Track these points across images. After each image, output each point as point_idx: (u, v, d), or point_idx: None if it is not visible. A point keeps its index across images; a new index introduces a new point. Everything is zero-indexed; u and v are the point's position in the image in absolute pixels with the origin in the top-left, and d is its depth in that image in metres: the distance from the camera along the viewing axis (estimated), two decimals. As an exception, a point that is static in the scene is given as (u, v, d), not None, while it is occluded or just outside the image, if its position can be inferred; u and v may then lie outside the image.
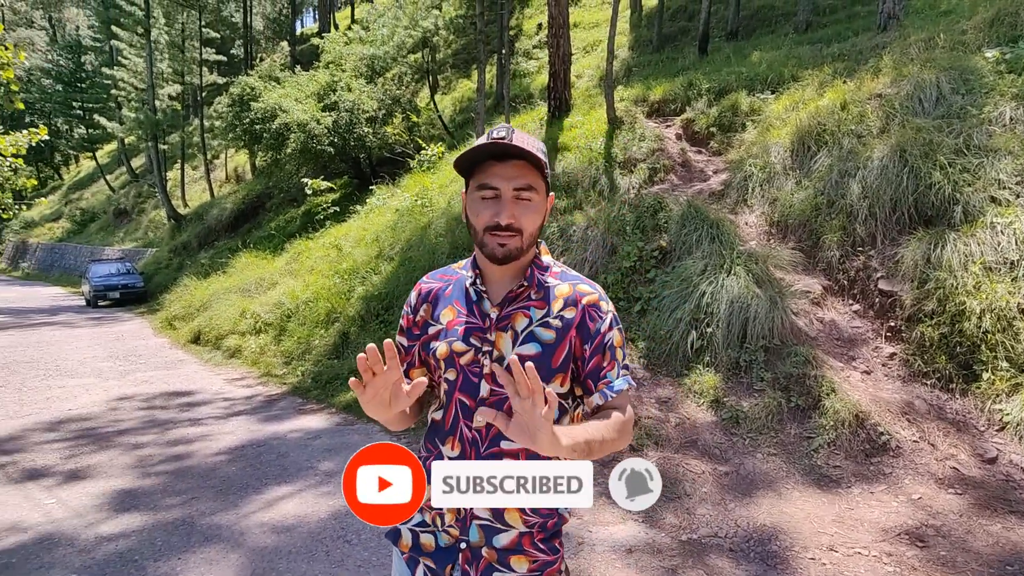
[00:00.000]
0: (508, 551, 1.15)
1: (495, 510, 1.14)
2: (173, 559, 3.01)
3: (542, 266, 1.22)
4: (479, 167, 1.14)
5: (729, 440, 3.90)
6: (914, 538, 2.92)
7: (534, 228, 1.15)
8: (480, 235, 1.14)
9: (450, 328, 1.20)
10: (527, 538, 1.16)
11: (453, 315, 1.22)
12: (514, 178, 1.11)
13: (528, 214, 1.13)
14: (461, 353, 1.17)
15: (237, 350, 8.44)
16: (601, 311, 1.18)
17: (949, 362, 3.95)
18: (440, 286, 1.29)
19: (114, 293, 15.89)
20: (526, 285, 1.18)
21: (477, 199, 1.14)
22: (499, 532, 1.15)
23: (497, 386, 1.13)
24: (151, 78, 19.31)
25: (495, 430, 1.13)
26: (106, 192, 30.90)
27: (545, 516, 1.17)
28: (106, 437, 4.97)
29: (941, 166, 4.64)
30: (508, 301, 1.18)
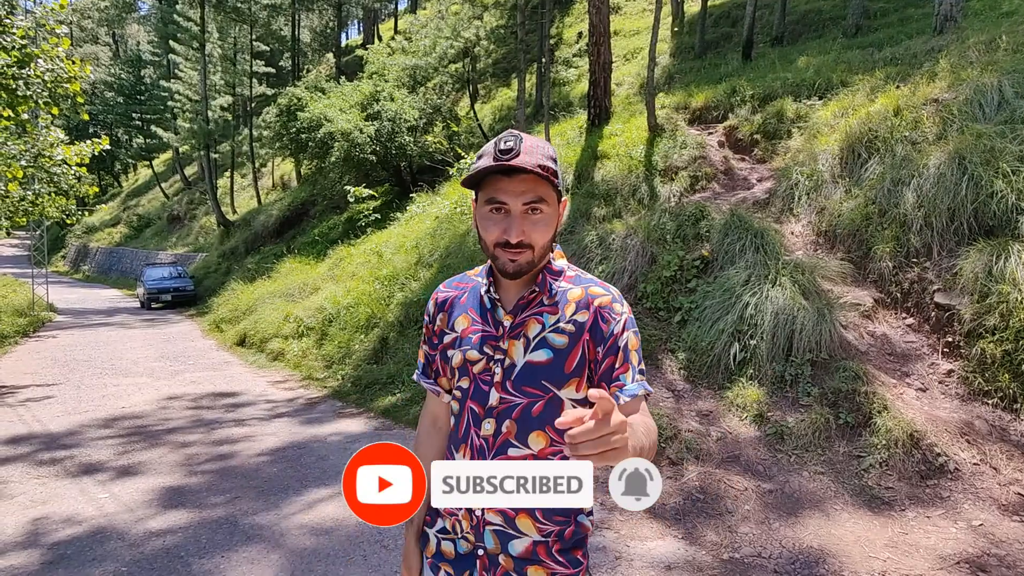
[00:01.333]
0: (524, 560, 1.14)
1: (506, 516, 1.13)
2: (217, 556, 3.09)
3: (555, 271, 1.21)
4: (487, 180, 1.12)
5: (773, 456, 3.78)
6: (975, 567, 2.76)
7: (545, 241, 1.13)
8: (491, 250, 1.13)
9: (464, 337, 1.20)
10: (542, 547, 1.14)
11: (468, 323, 1.21)
12: (523, 193, 1.09)
13: (538, 228, 1.11)
14: (475, 362, 1.17)
15: (280, 353, 8.66)
16: (615, 312, 1.15)
17: (1013, 381, 3.73)
18: (456, 294, 1.28)
19: (166, 296, 16.57)
20: (537, 291, 1.17)
21: (486, 214, 1.12)
22: (513, 538, 1.13)
23: (506, 394, 1.13)
24: (204, 90, 20.14)
25: (503, 437, 1.13)
26: (161, 199, 32.33)
27: (560, 523, 1.14)
28: (156, 435, 5.16)
29: (1004, 174, 4.41)
30: (520, 308, 1.17)
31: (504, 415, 1.13)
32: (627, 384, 1.12)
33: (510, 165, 1.05)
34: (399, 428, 5.23)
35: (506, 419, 1.13)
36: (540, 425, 1.12)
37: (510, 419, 1.13)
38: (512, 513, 1.12)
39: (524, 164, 1.05)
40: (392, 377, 6.36)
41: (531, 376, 1.12)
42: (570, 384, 1.13)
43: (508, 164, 1.05)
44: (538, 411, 1.12)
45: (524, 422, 1.13)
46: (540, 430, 1.12)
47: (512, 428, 1.13)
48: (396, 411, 5.61)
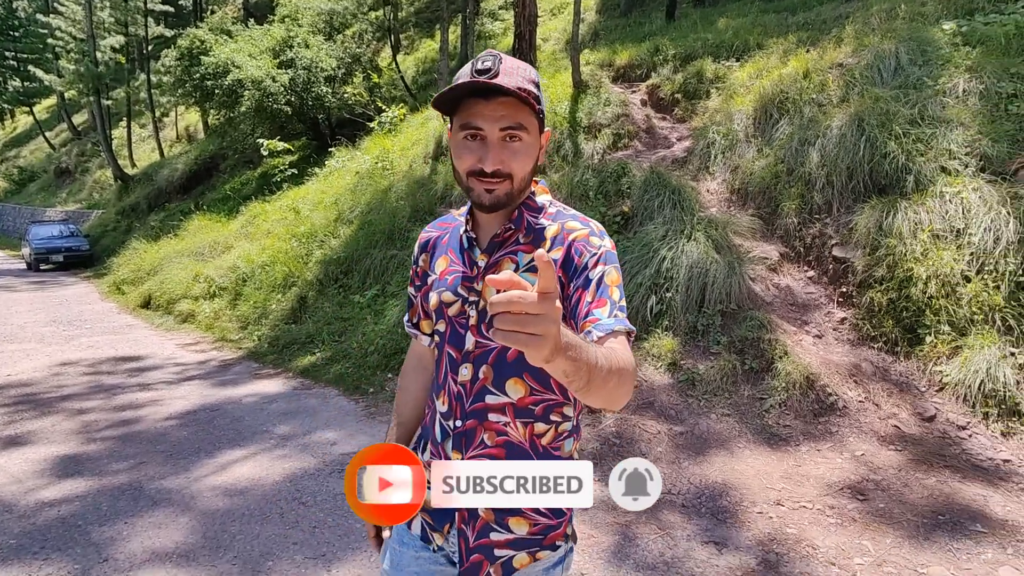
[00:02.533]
0: (505, 512, 1.09)
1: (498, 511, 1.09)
2: (119, 523, 2.91)
3: (534, 207, 1.12)
4: (463, 103, 1.02)
5: (685, 401, 3.98)
6: (855, 492, 3.05)
7: (525, 172, 1.04)
8: (465, 180, 1.04)
9: (442, 278, 1.15)
10: None
11: (446, 264, 1.16)
12: (501, 118, 0.99)
13: (518, 157, 1.02)
14: (449, 304, 1.11)
15: (190, 315, 8.16)
16: (591, 245, 1.06)
17: (896, 326, 4.09)
18: (439, 234, 1.22)
19: (57, 256, 15.15)
20: (513, 228, 1.09)
21: (460, 141, 1.03)
22: None
23: (483, 338, 1.07)
24: (91, 27, 18.08)
25: (480, 384, 1.07)
26: (46, 150, 29.17)
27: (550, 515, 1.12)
28: (48, 403, 4.76)
29: (896, 136, 4.73)
30: (495, 247, 1.10)
31: (480, 360, 1.07)
32: (601, 319, 0.99)
33: (487, 84, 0.96)
34: (319, 387, 5.09)
35: (482, 364, 1.07)
36: (518, 371, 1.06)
37: (486, 364, 1.07)
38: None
39: (503, 84, 0.96)
40: (311, 336, 6.16)
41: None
42: None
43: (485, 83, 0.96)
44: (513, 356, 1.05)
45: (500, 368, 1.06)
46: (518, 377, 1.06)
47: (489, 374, 1.07)
48: (316, 370, 5.44)
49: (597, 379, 0.81)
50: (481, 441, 1.08)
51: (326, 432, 4.06)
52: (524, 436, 1.08)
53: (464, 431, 1.09)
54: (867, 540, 2.69)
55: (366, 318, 5.95)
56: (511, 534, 1.10)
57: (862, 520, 2.83)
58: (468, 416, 1.09)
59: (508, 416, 1.07)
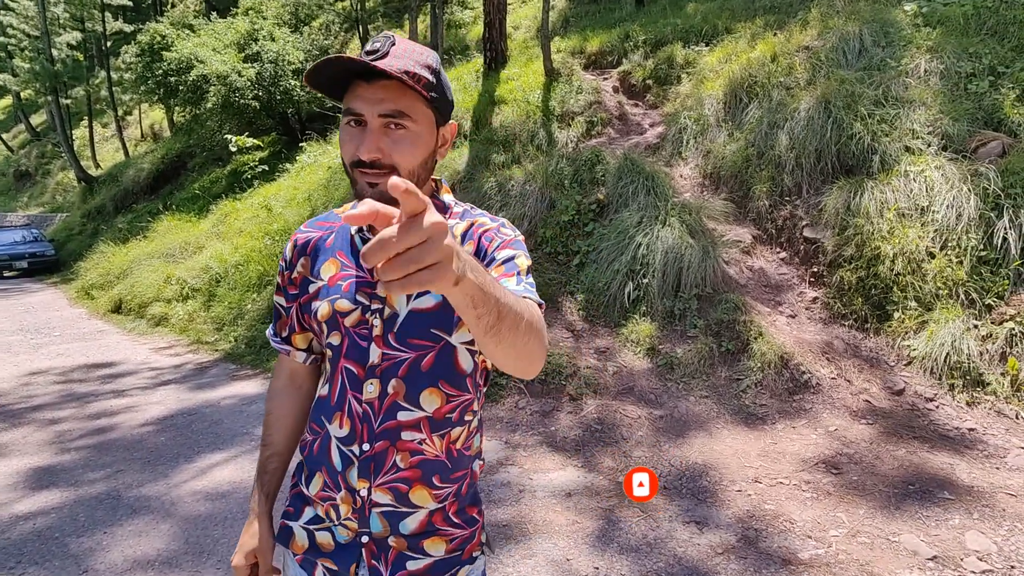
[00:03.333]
0: (419, 535, 1.00)
1: (398, 492, 0.98)
2: (98, 533, 2.86)
3: (439, 207, 1.04)
4: (349, 87, 0.92)
5: (664, 385, 4.04)
6: (830, 466, 3.14)
7: (413, 164, 0.93)
8: (350, 172, 0.93)
9: (332, 284, 1.02)
10: (439, 515, 1.01)
11: (336, 269, 1.03)
12: (380, 102, 0.89)
13: (400, 147, 0.91)
14: (346, 313, 0.98)
15: (163, 318, 8.00)
16: (500, 234, 1.00)
17: (865, 303, 4.20)
18: (320, 235, 1.08)
19: (21, 262, 14.69)
20: None
21: (344, 126, 0.93)
22: (405, 516, 0.99)
23: (389, 349, 0.96)
24: (45, 24, 17.44)
25: (390, 400, 0.96)
26: (3, 152, 28.17)
27: (457, 480, 1.03)
28: (18, 414, 4.64)
29: (862, 117, 4.82)
30: None
31: (389, 373, 0.96)
32: (508, 287, 0.87)
33: (365, 64, 0.86)
34: (299, 386, 5.04)
35: (392, 378, 0.96)
36: (433, 381, 0.97)
37: (396, 378, 0.96)
38: (405, 488, 0.98)
39: (384, 67, 0.87)
40: (290, 335, 6.08)
41: (417, 325, 0.96)
42: (461, 326, 0.97)
43: (360, 62, 0.86)
44: (428, 364, 0.97)
45: (414, 379, 0.97)
46: (433, 386, 0.98)
47: (400, 388, 0.97)
48: (296, 369, 5.38)
49: (508, 317, 0.70)
50: (393, 464, 0.98)
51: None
52: (441, 449, 1.00)
53: (372, 455, 0.97)
54: (842, 512, 2.77)
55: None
56: (429, 557, 1.01)
57: (837, 493, 2.92)
58: (377, 438, 0.97)
59: (424, 432, 0.98)
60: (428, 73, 0.93)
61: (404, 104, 0.91)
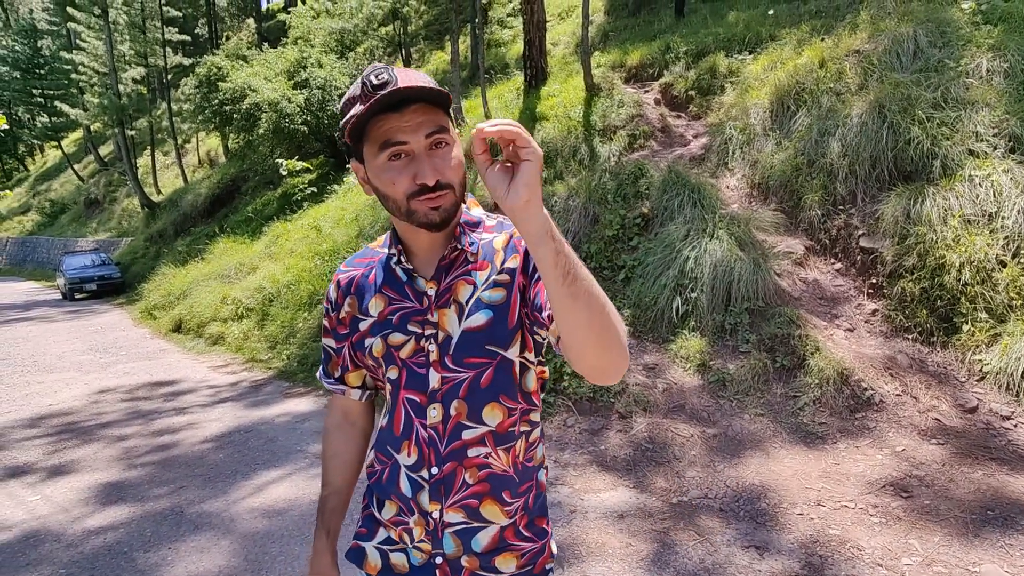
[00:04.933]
0: (491, 552, 1.01)
1: (469, 508, 0.99)
2: (163, 549, 2.98)
3: (472, 222, 1.03)
4: (371, 127, 0.91)
5: (716, 403, 3.93)
6: (898, 489, 2.98)
7: (461, 177, 0.95)
8: (404, 205, 0.92)
9: (382, 319, 1.02)
10: (510, 529, 1.02)
11: (384, 304, 1.03)
12: (420, 125, 0.89)
13: (451, 164, 0.92)
14: (400, 345, 1.00)
15: (220, 337, 8.32)
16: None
17: (930, 316, 3.99)
18: (362, 272, 1.09)
19: (91, 285, 15.56)
20: (459, 248, 0.99)
21: (384, 163, 0.91)
22: (477, 532, 1.00)
23: (448, 372, 0.98)
24: (112, 61, 18.60)
25: (454, 421, 0.98)
26: (75, 182, 30.06)
27: (524, 493, 1.03)
28: (89, 431, 4.89)
29: (919, 121, 4.63)
30: (444, 270, 0.99)
31: (450, 395, 0.98)
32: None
33: (394, 91, 0.85)
34: (350, 404, 5.14)
35: (453, 399, 0.98)
36: (493, 396, 0.98)
37: (458, 399, 0.98)
38: (476, 503, 0.99)
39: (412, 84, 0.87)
40: (339, 353, 6.22)
41: (472, 344, 0.97)
42: (515, 340, 0.98)
43: (389, 90, 0.85)
44: (488, 381, 0.98)
45: (475, 397, 0.98)
46: (494, 401, 0.99)
47: (462, 408, 0.98)
48: (346, 387, 5.50)
49: (584, 284, 0.77)
50: (463, 482, 0.99)
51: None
52: (508, 463, 1.01)
53: (442, 478, 0.99)
54: (914, 539, 2.62)
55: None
56: (501, 574, 1.01)
57: (907, 518, 2.76)
58: (445, 460, 0.99)
59: (489, 446, 0.99)
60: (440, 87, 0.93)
61: (439, 120, 0.91)
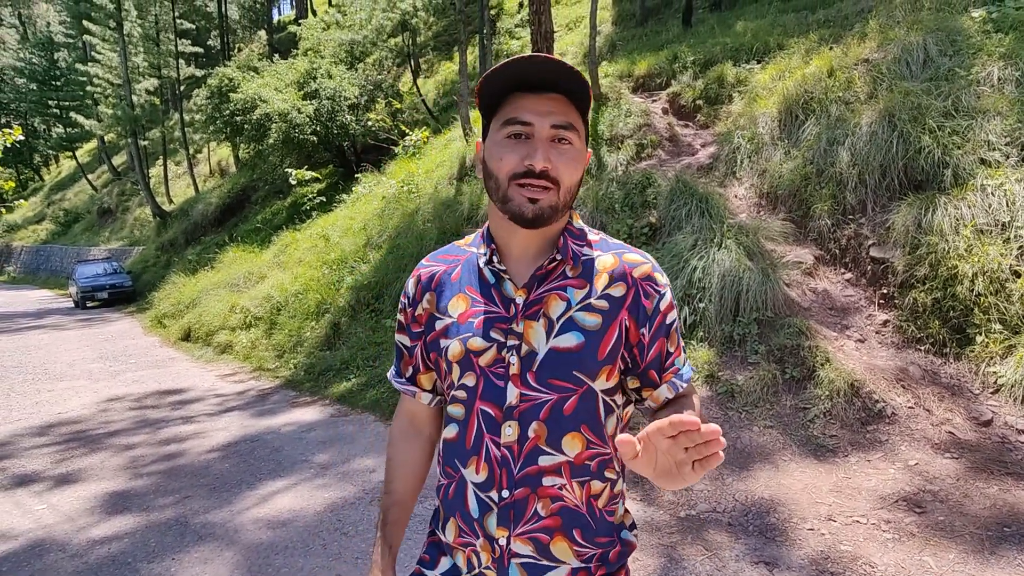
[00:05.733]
0: None
1: (539, 543, 0.91)
2: (167, 559, 2.96)
3: (576, 233, 0.96)
4: (506, 100, 0.89)
5: (725, 414, 3.88)
6: (912, 504, 2.92)
7: (573, 182, 0.89)
8: (504, 187, 0.88)
9: (463, 321, 0.95)
10: (583, 574, 0.94)
11: (466, 305, 0.96)
12: (551, 113, 0.86)
13: (567, 161, 0.87)
14: (480, 352, 0.93)
15: (228, 345, 8.36)
16: (657, 284, 0.93)
17: (942, 327, 3.93)
18: (445, 269, 1.02)
19: (102, 293, 15.72)
20: (559, 259, 0.92)
21: (502, 140, 0.88)
22: (547, 571, 0.92)
23: (529, 389, 0.91)
24: (126, 73, 18.90)
25: (531, 444, 0.90)
26: (88, 191, 30.47)
27: (603, 545, 0.94)
28: (97, 439, 4.91)
29: (930, 130, 4.58)
30: (538, 280, 0.92)
31: (529, 416, 0.90)
32: (681, 368, 0.95)
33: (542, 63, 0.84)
34: (355, 414, 5.13)
35: (532, 420, 0.90)
36: (575, 425, 0.91)
37: (537, 420, 0.90)
38: (546, 539, 0.92)
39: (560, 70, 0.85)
40: (346, 363, 6.23)
41: (559, 366, 0.90)
42: (603, 373, 0.92)
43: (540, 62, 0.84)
44: (571, 409, 0.90)
45: (556, 422, 0.90)
46: (575, 431, 0.91)
47: (542, 431, 0.90)
48: (352, 397, 5.50)
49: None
50: (534, 512, 0.92)
51: (365, 459, 4.08)
52: (581, 499, 0.93)
53: (512, 502, 0.91)
54: (928, 556, 2.56)
55: (398, 342, 6.00)
56: None
57: (921, 534, 2.70)
58: (518, 484, 0.91)
59: (564, 477, 0.91)
60: (588, 92, 0.90)
61: (572, 117, 0.89)
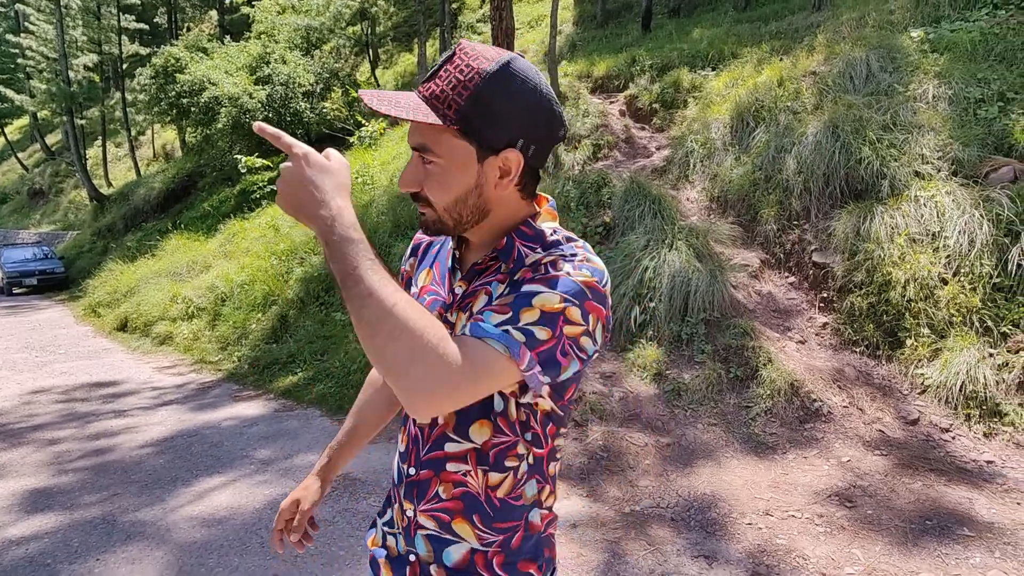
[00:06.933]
0: (459, 571, 0.94)
1: (441, 521, 0.93)
2: (91, 560, 2.80)
3: (529, 235, 0.92)
4: None
5: (671, 412, 3.96)
6: (843, 499, 3.04)
7: (445, 202, 0.85)
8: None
9: (420, 296, 1.00)
10: (480, 557, 0.93)
11: (427, 281, 1.01)
12: (411, 133, 0.86)
13: (431, 182, 0.85)
14: None
15: (168, 337, 8.00)
16: (554, 267, 0.84)
17: (876, 330, 4.12)
18: (431, 241, 1.08)
19: (31, 279, 14.82)
20: (497, 257, 0.91)
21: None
22: (449, 544, 0.94)
23: None
24: (63, 47, 17.82)
25: (439, 430, 0.92)
26: (18, 171, 28.64)
27: (506, 531, 0.94)
28: (18, 433, 4.61)
29: (870, 141, 4.79)
30: (475, 275, 0.94)
31: None
32: (485, 323, 0.79)
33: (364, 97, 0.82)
34: (301, 408, 4.99)
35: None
36: (484, 413, 0.90)
37: None
38: (447, 519, 0.93)
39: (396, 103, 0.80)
40: (293, 356, 6.05)
41: None
42: None
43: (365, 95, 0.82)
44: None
45: (466, 410, 0.89)
46: (485, 419, 0.90)
47: (450, 419, 0.91)
48: (298, 391, 5.34)
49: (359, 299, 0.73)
50: (436, 494, 0.94)
51: (308, 455, 3.97)
52: (483, 486, 0.93)
53: (417, 481, 0.96)
54: (857, 548, 2.67)
55: (348, 336, 5.86)
56: None
57: (851, 528, 2.82)
58: (423, 465, 0.95)
59: (470, 463, 0.92)
60: (465, 100, 0.80)
61: (428, 138, 0.83)
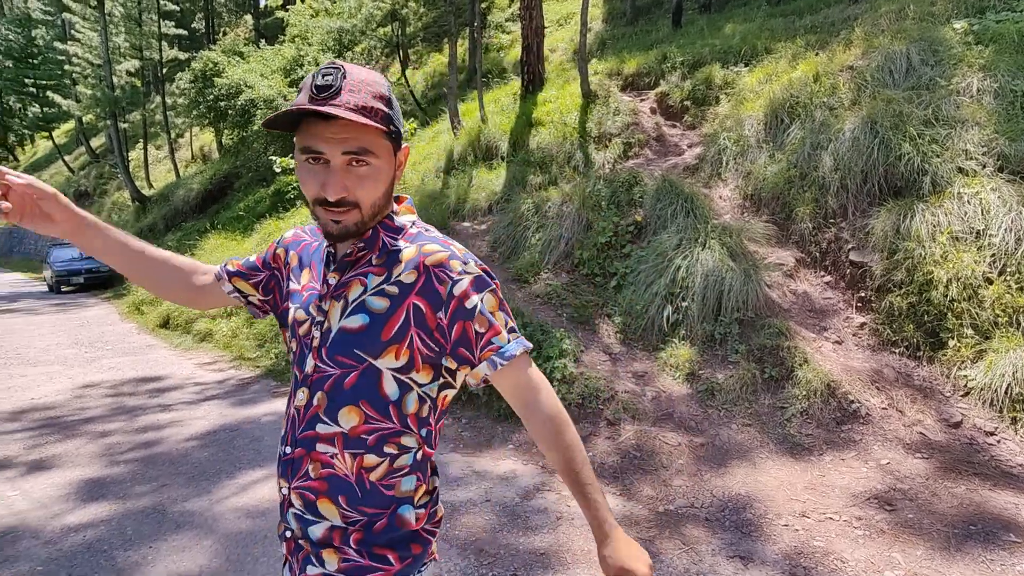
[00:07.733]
0: (320, 544, 1.01)
1: (306, 500, 1.01)
2: (144, 547, 2.94)
3: (392, 227, 1.03)
4: (303, 122, 0.93)
5: (704, 412, 3.94)
6: (883, 502, 3.00)
7: (374, 198, 0.96)
8: (312, 207, 0.97)
9: (302, 292, 1.09)
10: (338, 533, 1.00)
11: (307, 279, 1.09)
12: (343, 141, 0.90)
13: (365, 184, 0.93)
14: (300, 323, 1.05)
15: (208, 334, 8.25)
16: (451, 271, 0.98)
17: (917, 330, 4.03)
18: (311, 241, 1.15)
19: (78, 278, 15.39)
20: (365, 249, 1.01)
21: (302, 163, 0.94)
22: (312, 523, 1.01)
23: (321, 362, 1.00)
24: (107, 53, 18.46)
25: (313, 411, 1.00)
26: (65, 174, 29.76)
27: (370, 515, 1.00)
28: (72, 426, 4.83)
29: (911, 137, 4.68)
30: (346, 266, 1.02)
31: (317, 386, 1.00)
32: (504, 346, 0.99)
33: (322, 110, 0.86)
34: (337, 404, 5.11)
35: (319, 390, 1.00)
36: (354, 400, 0.98)
37: (322, 391, 1.00)
38: (312, 498, 1.00)
39: (340, 107, 0.87)
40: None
41: (343, 344, 0.99)
42: (388, 352, 0.98)
43: (320, 108, 0.86)
44: (351, 383, 0.98)
45: (335, 395, 0.99)
46: (353, 405, 0.98)
47: (323, 401, 0.99)
48: (334, 387, 5.47)
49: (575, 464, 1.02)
50: (305, 472, 1.01)
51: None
52: (351, 469, 0.99)
53: (291, 459, 1.02)
54: (897, 552, 2.63)
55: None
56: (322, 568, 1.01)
57: (891, 531, 2.78)
58: (297, 444, 1.01)
59: (336, 447, 0.99)
60: (383, 104, 0.93)
61: (366, 141, 0.91)
